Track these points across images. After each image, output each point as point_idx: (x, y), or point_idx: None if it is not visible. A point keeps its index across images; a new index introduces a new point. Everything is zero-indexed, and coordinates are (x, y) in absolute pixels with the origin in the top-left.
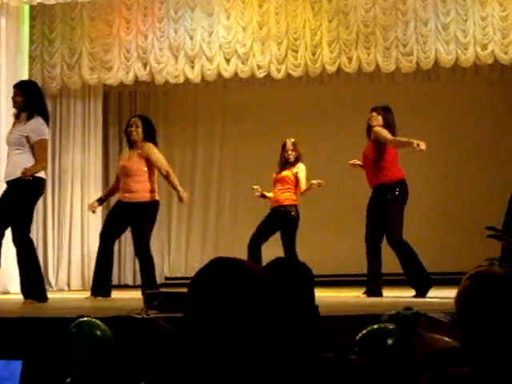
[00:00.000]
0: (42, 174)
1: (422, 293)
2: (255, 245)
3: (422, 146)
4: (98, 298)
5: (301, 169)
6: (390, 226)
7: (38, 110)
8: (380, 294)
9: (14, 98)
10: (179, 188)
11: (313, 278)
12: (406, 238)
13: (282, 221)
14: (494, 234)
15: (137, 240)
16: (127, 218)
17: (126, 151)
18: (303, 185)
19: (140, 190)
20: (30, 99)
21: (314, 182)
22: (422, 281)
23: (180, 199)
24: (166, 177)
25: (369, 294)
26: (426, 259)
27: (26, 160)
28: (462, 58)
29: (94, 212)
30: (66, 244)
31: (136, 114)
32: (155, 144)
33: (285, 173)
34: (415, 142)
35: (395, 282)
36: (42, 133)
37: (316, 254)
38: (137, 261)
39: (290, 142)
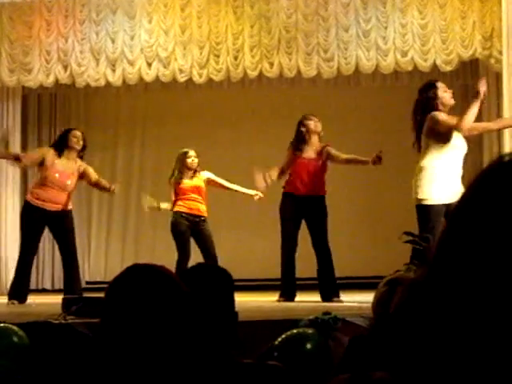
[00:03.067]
0: None
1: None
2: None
3: None
4: (14, 301)
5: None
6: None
7: None
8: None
9: None
10: None
11: (233, 283)
12: None
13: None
14: (410, 240)
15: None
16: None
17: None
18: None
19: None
20: None
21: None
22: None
23: None
24: None
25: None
26: (345, 264)
27: None
28: (382, 65)
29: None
30: None
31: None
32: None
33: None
34: None
35: (313, 287)
36: None
37: (234, 257)
38: (55, 264)
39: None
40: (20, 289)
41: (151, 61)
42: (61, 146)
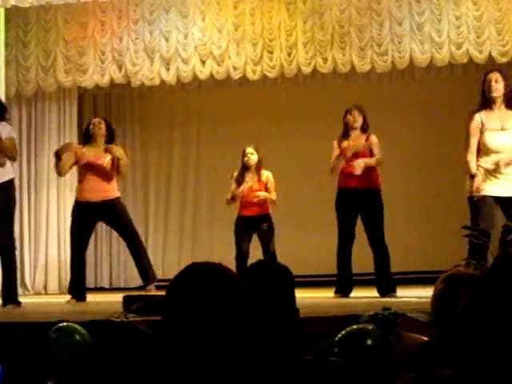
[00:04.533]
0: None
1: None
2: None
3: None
4: (72, 300)
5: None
6: (383, 227)
7: None
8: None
9: None
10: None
11: (293, 280)
12: None
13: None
14: (469, 234)
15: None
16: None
17: None
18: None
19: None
20: None
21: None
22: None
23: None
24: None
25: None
26: (403, 259)
27: None
28: (436, 58)
29: None
30: (43, 247)
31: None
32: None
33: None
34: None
35: (369, 282)
36: None
37: (292, 254)
38: (113, 263)
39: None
40: (76, 287)
41: (205, 59)
42: (85, 137)
